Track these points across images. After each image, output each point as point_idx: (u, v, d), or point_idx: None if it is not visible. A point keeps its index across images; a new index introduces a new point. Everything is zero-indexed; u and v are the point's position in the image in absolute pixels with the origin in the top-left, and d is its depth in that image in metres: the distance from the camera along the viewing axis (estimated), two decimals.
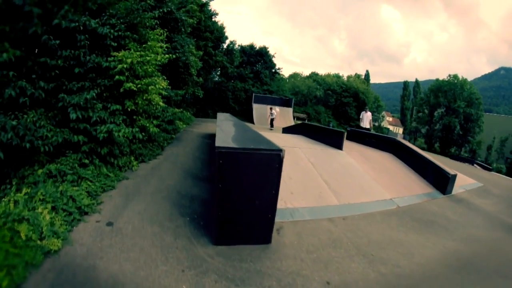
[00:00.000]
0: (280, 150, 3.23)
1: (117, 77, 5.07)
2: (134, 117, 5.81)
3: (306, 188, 5.50)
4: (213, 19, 18.38)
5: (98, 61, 5.06)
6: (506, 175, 20.32)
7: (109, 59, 5.19)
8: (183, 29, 10.61)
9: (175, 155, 6.91)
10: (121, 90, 5.20)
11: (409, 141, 34.53)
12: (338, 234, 4.14)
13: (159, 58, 5.87)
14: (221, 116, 9.24)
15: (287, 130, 13.06)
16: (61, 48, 4.75)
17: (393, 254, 3.74)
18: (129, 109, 5.43)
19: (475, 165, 20.85)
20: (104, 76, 5.21)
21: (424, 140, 40.29)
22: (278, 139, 8.06)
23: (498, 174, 18.26)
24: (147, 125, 5.74)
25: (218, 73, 24.27)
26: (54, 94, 4.75)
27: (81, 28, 4.89)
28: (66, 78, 4.89)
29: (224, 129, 4.98)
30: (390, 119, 67.89)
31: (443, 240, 4.47)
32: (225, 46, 20.59)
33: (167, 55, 6.10)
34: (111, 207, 3.95)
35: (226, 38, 20.24)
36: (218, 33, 18.71)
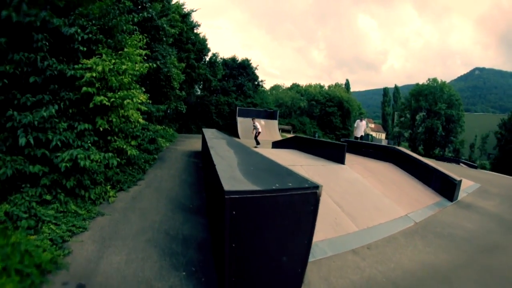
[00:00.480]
0: (317, 187, 2.43)
1: (84, 88, 4.10)
2: (109, 137, 4.81)
3: (319, 214, 4.66)
4: (195, 31, 17.61)
5: (61, 68, 4.07)
6: (491, 171, 20.73)
7: (75, 66, 4.22)
8: (164, 39, 9.72)
9: (159, 179, 5.93)
10: (91, 105, 4.22)
11: (393, 145, 35.21)
12: (369, 270, 3.53)
13: (137, 68, 4.97)
14: (208, 132, 8.36)
15: (277, 144, 12.11)
16: (11, 49, 3.74)
17: (434, 285, 3.31)
18: (101, 129, 4.44)
19: (461, 164, 20.99)
20: (70, 88, 4.23)
21: (408, 144, 40.98)
22: (272, 155, 7.26)
23: (486, 171, 18.37)
24: (124, 147, 4.76)
25: (200, 87, 23.38)
26: (2, 111, 3.72)
27: (39, 24, 3.88)
28: (18, 89, 3.86)
29: (223, 155, 4.06)
30: (372, 125, 69.04)
31: (474, 256, 4.23)
32: (207, 58, 19.77)
33: (146, 64, 5.24)
34: (83, 259, 2.98)
35: (209, 50, 19.43)
36: (200, 45, 17.87)
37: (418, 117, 39.23)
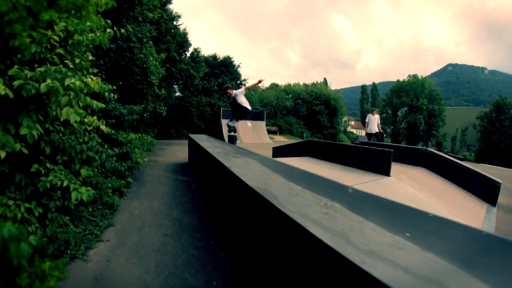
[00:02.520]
0: None
1: None
2: (35, 167, 2.51)
3: None
4: (175, 23, 15.18)
5: None
6: (475, 162, 20.46)
7: None
8: (140, 18, 7.32)
9: (137, 223, 3.65)
10: None
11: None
12: None
13: (97, 37, 2.75)
14: (203, 141, 6.17)
15: (281, 151, 9.89)
16: None
17: None
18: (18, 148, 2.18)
19: None
20: None
21: (391, 140, 41.05)
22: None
23: (479, 164, 18.00)
24: (66, 183, 2.47)
25: (180, 86, 20.83)
26: None
27: None
28: None
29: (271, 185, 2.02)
30: (353, 123, 69.20)
31: None
32: (188, 54, 17.31)
33: (110, 30, 3.01)
34: None
35: (190, 45, 17.04)
36: (181, 38, 15.48)
37: (399, 113, 39.83)
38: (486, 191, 6.54)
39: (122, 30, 2.95)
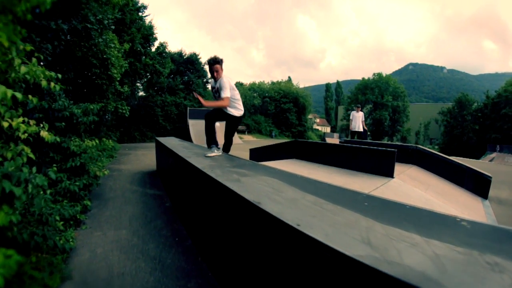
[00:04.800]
0: None
1: None
2: None
3: None
4: (141, 14, 13.65)
5: None
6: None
7: None
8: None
9: (103, 275, 2.52)
10: None
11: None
12: None
13: None
14: (178, 147, 5.10)
15: (262, 153, 8.85)
16: None
17: None
18: None
19: None
20: None
21: (356, 136, 42.32)
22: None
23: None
24: None
25: (144, 85, 19.06)
26: None
27: None
28: None
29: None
30: (318, 120, 70.55)
31: None
32: (153, 49, 15.71)
33: None
34: None
35: (155, 39, 15.50)
36: (147, 31, 13.94)
37: (365, 109, 40.87)
38: (478, 185, 6.59)
39: None
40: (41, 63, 4.02)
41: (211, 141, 3.72)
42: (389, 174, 5.25)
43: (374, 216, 1.40)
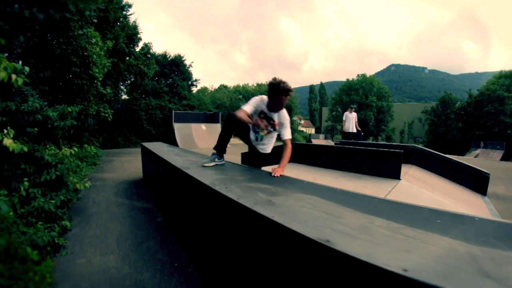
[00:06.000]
0: None
1: None
2: None
3: None
4: (125, 13, 12.99)
5: None
6: None
7: None
8: None
9: None
10: None
11: (330, 139, 36.43)
12: None
13: None
14: (167, 152, 4.58)
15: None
16: None
17: None
18: None
19: None
20: None
21: (341, 136, 42.63)
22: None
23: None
24: None
25: (127, 88, 18.20)
26: None
27: None
28: None
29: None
30: (302, 121, 70.90)
31: None
32: (137, 49, 15.00)
33: None
34: None
35: (140, 39, 14.83)
36: (131, 31, 13.27)
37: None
38: (477, 183, 6.68)
39: None
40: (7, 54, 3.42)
41: (219, 149, 3.08)
42: (396, 176, 4.97)
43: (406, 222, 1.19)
